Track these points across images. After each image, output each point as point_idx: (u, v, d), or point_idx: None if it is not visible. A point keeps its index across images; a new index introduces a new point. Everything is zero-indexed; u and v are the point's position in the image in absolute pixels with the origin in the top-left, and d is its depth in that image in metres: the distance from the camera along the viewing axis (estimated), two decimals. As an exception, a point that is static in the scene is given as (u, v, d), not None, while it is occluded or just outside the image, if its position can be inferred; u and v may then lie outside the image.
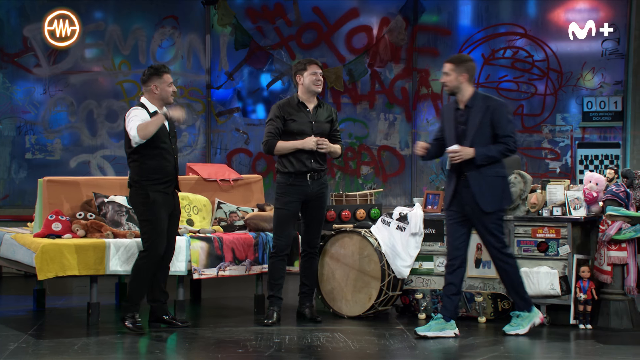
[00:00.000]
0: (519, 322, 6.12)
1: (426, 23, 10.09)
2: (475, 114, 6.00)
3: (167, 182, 6.24)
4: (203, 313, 7.20)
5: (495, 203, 5.99)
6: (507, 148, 5.98)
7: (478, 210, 5.98)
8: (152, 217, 6.16)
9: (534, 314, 6.14)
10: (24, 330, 6.27)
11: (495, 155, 5.96)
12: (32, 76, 9.64)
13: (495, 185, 5.99)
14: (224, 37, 9.94)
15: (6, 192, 9.58)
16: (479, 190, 5.96)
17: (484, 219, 5.99)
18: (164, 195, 6.20)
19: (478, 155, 5.93)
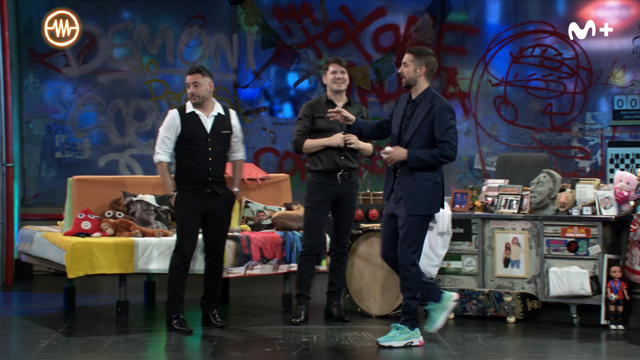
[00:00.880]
0: (395, 334, 5.78)
1: (453, 21, 10.04)
2: (419, 111, 5.77)
3: (198, 183, 6.23)
4: (231, 312, 7.22)
5: (423, 207, 5.73)
6: (441, 154, 5.66)
7: (404, 212, 5.74)
8: (178, 215, 6.24)
9: (415, 333, 5.79)
10: (54, 328, 6.33)
11: (428, 159, 5.66)
12: (62, 76, 9.72)
13: (425, 189, 5.72)
14: (251, 36, 9.96)
15: (37, 191, 9.67)
16: (408, 193, 5.72)
17: (406, 220, 5.72)
18: (194, 196, 6.21)
19: (410, 157, 5.69)
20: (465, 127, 9.97)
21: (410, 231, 5.72)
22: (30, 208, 9.50)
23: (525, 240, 6.67)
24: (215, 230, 6.32)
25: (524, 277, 6.64)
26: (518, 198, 6.78)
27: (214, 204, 6.28)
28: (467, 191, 7.02)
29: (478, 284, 6.80)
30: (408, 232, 5.73)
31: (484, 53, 9.94)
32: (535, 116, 9.92)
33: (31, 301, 7.88)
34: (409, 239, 5.73)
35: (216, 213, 6.29)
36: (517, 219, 6.71)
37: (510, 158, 8.11)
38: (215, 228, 6.32)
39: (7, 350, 5.86)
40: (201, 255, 6.51)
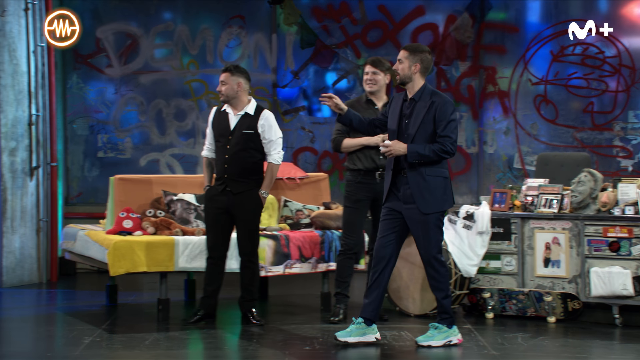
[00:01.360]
0: (434, 334, 5.73)
1: (493, 20, 9.96)
2: (420, 108, 5.70)
3: (218, 179, 6.38)
4: (270, 310, 7.24)
5: (436, 205, 5.65)
6: (442, 149, 5.59)
7: (416, 212, 5.66)
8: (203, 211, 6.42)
9: (453, 331, 5.74)
10: (97, 324, 6.40)
11: (428, 154, 5.59)
12: (104, 76, 9.83)
13: (435, 187, 5.66)
14: (290, 36, 9.98)
15: (80, 190, 9.80)
16: (418, 191, 5.64)
17: (422, 221, 5.66)
18: (217, 192, 6.36)
19: (410, 152, 5.61)
20: (504, 126, 9.88)
21: (430, 230, 5.67)
22: (73, 207, 9.62)
23: (565, 240, 6.59)
24: (238, 229, 6.40)
25: (565, 277, 6.57)
26: (558, 197, 6.70)
27: (233, 202, 6.32)
28: (507, 190, 6.96)
29: (518, 283, 6.74)
30: (427, 232, 5.67)
31: (523, 52, 9.84)
32: (576, 115, 9.80)
33: (75, 298, 7.98)
34: (430, 238, 5.68)
35: (236, 212, 6.34)
36: (557, 219, 6.63)
37: (550, 157, 8.02)
38: (238, 227, 6.39)
39: (52, 346, 5.95)
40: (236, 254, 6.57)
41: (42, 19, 8.77)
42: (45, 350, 5.81)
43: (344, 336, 5.75)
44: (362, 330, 5.77)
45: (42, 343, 6.09)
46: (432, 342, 5.70)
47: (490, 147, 9.90)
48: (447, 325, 5.74)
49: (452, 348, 5.70)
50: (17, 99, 8.48)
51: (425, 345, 5.70)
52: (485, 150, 9.91)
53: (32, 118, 8.63)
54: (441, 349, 5.67)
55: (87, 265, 8.16)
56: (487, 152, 9.91)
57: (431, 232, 5.68)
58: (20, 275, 8.48)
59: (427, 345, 5.70)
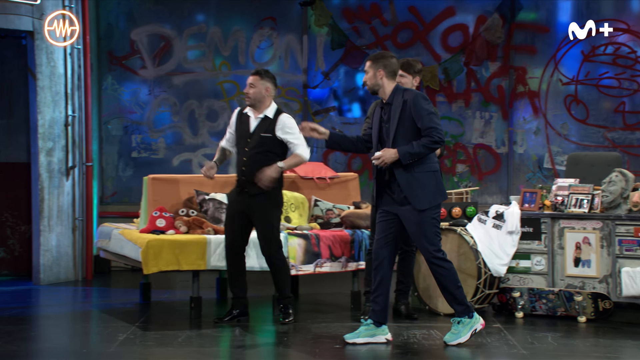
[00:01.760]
0: (459, 330, 5.68)
1: (524, 20, 9.88)
2: (395, 110, 5.67)
3: (236, 180, 6.43)
4: (300, 308, 7.25)
5: (429, 199, 5.61)
6: (431, 140, 5.56)
7: (411, 210, 5.62)
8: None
9: (475, 319, 5.70)
10: (131, 322, 6.46)
11: (420, 150, 5.57)
12: (138, 78, 9.91)
13: (426, 182, 5.63)
14: (320, 37, 9.98)
15: (114, 189, 9.89)
16: (410, 189, 5.61)
17: (417, 218, 5.61)
18: (233, 193, 6.44)
19: (401, 155, 5.58)
20: (534, 126, 9.80)
21: (425, 226, 5.63)
22: (108, 206, 9.71)
23: (596, 240, 6.52)
24: (256, 230, 6.40)
25: (595, 276, 6.50)
26: (589, 197, 6.64)
27: (250, 203, 6.32)
28: (537, 190, 6.91)
29: (547, 283, 6.68)
30: (424, 229, 5.63)
31: (554, 52, 9.76)
32: (607, 115, 9.69)
33: (109, 296, 8.05)
34: (426, 235, 5.64)
35: (253, 213, 6.33)
36: (588, 218, 6.57)
37: (581, 157, 7.94)
38: (256, 228, 6.39)
39: (88, 343, 6.02)
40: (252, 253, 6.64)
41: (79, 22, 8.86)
42: (81, 346, 5.88)
43: (352, 337, 5.74)
44: (372, 332, 5.75)
45: (77, 339, 6.16)
46: (461, 339, 5.68)
47: (520, 147, 9.83)
48: (468, 316, 5.70)
49: (481, 347, 5.66)
50: (54, 100, 8.58)
51: (455, 344, 5.67)
52: (515, 150, 9.84)
53: (68, 119, 8.72)
54: (471, 347, 5.64)
55: (121, 264, 8.23)
56: (517, 152, 9.84)
57: (428, 230, 5.64)
58: (57, 273, 8.58)
59: (456, 344, 5.67)
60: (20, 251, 8.93)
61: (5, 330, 6.12)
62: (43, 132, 8.46)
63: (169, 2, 9.86)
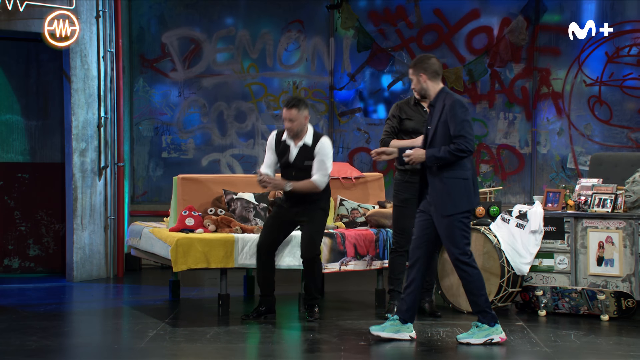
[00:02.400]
0: (475, 332, 5.64)
1: (548, 22, 9.81)
2: (435, 113, 5.69)
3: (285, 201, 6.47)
4: (326, 306, 7.26)
5: (455, 206, 5.58)
6: (457, 148, 5.53)
7: (438, 214, 5.64)
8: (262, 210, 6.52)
9: (496, 329, 5.62)
10: (161, 318, 6.50)
11: (445, 156, 5.57)
12: (169, 80, 9.98)
13: (455, 189, 5.59)
14: (347, 39, 9.99)
15: (145, 189, 9.96)
16: (436, 194, 5.62)
17: (443, 223, 5.61)
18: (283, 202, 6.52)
19: (427, 157, 5.61)
20: (558, 126, 9.73)
21: (453, 231, 5.61)
22: (138, 205, 9.79)
23: (619, 239, 6.46)
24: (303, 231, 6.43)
25: (618, 275, 6.44)
26: (612, 197, 6.58)
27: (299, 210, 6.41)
28: (560, 190, 6.86)
29: (570, 282, 6.64)
30: (450, 233, 5.62)
31: (578, 53, 9.68)
32: (631, 115, 9.59)
33: (140, 293, 8.10)
34: (452, 240, 5.63)
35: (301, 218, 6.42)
36: (611, 218, 6.51)
37: (604, 157, 7.87)
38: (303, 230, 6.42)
39: (119, 339, 6.07)
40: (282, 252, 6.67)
41: (112, 25, 8.95)
42: (112, 342, 5.93)
43: (377, 330, 5.77)
44: (396, 327, 5.75)
45: (109, 335, 6.22)
46: (472, 340, 5.64)
47: (543, 147, 9.76)
48: (489, 324, 5.66)
49: (504, 345, 5.63)
50: (87, 102, 8.67)
51: (465, 342, 5.64)
52: (539, 150, 9.77)
53: (101, 120, 8.81)
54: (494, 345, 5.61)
55: (152, 261, 8.29)
56: (540, 152, 9.78)
57: (454, 234, 5.62)
58: (89, 270, 8.66)
59: (466, 342, 5.64)
60: (55, 249, 9.04)
61: (40, 326, 6.20)
62: (77, 133, 8.55)
63: (199, 5, 9.92)
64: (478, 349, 5.55)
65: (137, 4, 9.82)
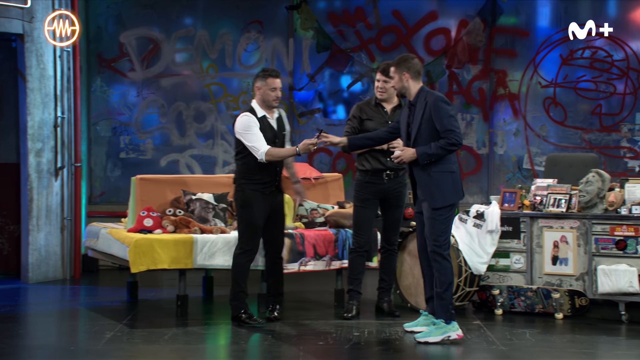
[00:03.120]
0: (432, 330, 5.73)
1: (504, 25, 9.92)
2: (418, 111, 5.78)
3: (266, 182, 6.25)
4: (285, 306, 7.23)
5: (443, 199, 5.71)
6: (448, 142, 5.66)
7: (428, 208, 5.76)
8: (245, 214, 6.21)
9: (452, 327, 5.72)
10: (118, 320, 6.43)
11: (437, 152, 5.67)
12: (127, 80, 9.88)
13: (442, 182, 5.73)
14: (306, 40, 9.99)
15: (102, 190, 9.85)
16: (426, 188, 5.74)
17: (431, 214, 5.74)
18: (261, 194, 6.23)
19: (419, 155, 5.70)
20: (514, 127, 9.84)
21: (435, 224, 5.72)
22: (96, 206, 9.68)
23: (573, 239, 6.56)
24: (277, 226, 6.36)
25: (572, 274, 6.54)
26: (567, 197, 6.67)
27: (277, 201, 6.33)
28: (516, 190, 6.93)
29: (526, 280, 6.71)
30: (433, 226, 5.73)
31: (533, 55, 9.80)
32: (585, 117, 9.74)
33: (97, 294, 8.02)
34: (435, 232, 5.73)
35: (278, 209, 6.35)
36: (565, 218, 6.60)
37: (559, 158, 7.98)
38: (277, 225, 6.35)
39: (75, 340, 5.99)
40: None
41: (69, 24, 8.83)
42: (69, 344, 5.86)
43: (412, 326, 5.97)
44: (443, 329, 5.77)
45: (65, 337, 6.13)
46: (429, 339, 5.69)
47: (500, 148, 9.87)
48: (446, 321, 5.72)
49: (461, 344, 5.68)
50: (43, 102, 8.54)
51: (422, 341, 5.69)
52: (496, 151, 9.87)
53: (57, 120, 8.69)
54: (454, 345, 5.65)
55: (109, 262, 8.20)
56: (497, 153, 9.88)
57: (437, 225, 5.72)
58: (45, 271, 8.54)
59: (424, 341, 5.68)
60: (9, 250, 8.89)
61: (-6, 328, 6.09)
62: (32, 133, 8.42)
63: (158, 5, 9.84)
64: (435, 349, 5.58)
65: (94, 4, 9.71)
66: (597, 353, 5.52)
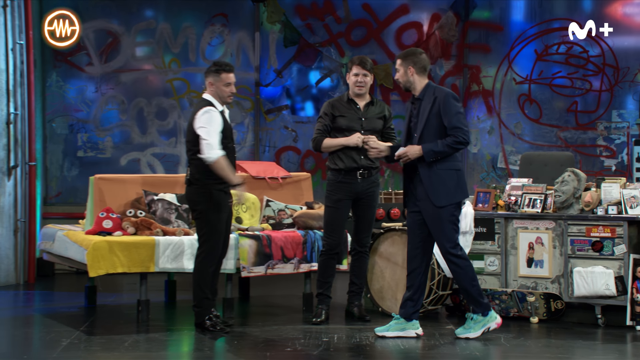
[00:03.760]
0: (471, 325, 5.92)
1: (478, 19, 9.99)
2: (424, 106, 5.87)
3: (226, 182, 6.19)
4: (251, 311, 7.22)
5: (448, 197, 5.82)
6: (455, 140, 5.77)
7: (430, 205, 5.83)
8: (213, 216, 6.09)
9: (490, 318, 5.90)
10: (76, 326, 6.37)
11: (444, 149, 5.78)
12: (85, 75, 9.79)
13: (447, 179, 5.83)
14: (273, 34, 9.97)
15: (59, 190, 9.75)
16: (430, 185, 5.83)
17: (436, 214, 5.82)
18: (225, 194, 6.18)
19: (425, 152, 5.80)
20: (488, 125, 9.91)
21: (444, 223, 5.82)
22: (52, 207, 9.59)
23: (549, 240, 6.62)
24: (229, 227, 6.30)
25: (548, 277, 6.59)
26: (542, 197, 6.73)
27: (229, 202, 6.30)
28: (490, 190, 6.98)
29: (501, 283, 6.76)
30: (442, 225, 5.83)
31: (508, 51, 9.88)
32: (560, 114, 9.84)
33: (53, 300, 7.94)
34: (443, 233, 5.83)
35: (231, 211, 6.32)
36: (540, 218, 6.66)
37: (534, 157, 8.05)
38: (229, 225, 6.29)
39: (29, 349, 5.91)
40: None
41: (21, 16, 8.72)
42: (22, 352, 5.77)
43: (382, 331, 6.00)
44: (402, 326, 5.97)
45: (18, 345, 6.05)
46: (470, 334, 5.90)
47: (474, 146, 9.94)
48: (482, 313, 5.89)
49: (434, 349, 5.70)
50: (-5, 97, 8.44)
51: (463, 337, 5.89)
52: (469, 149, 9.94)
53: (10, 117, 8.58)
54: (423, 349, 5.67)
55: (66, 266, 8.13)
56: (471, 151, 9.94)
57: (444, 227, 5.83)
58: (-2, 276, 8.44)
59: (464, 337, 5.89)
60: (-40, 254, 8.76)
61: (-57, 337, 6.00)
62: (-16, 130, 8.31)
63: (117, -4, 9.77)
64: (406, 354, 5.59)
65: (49, -6, 9.61)
66: (573, 358, 5.57)
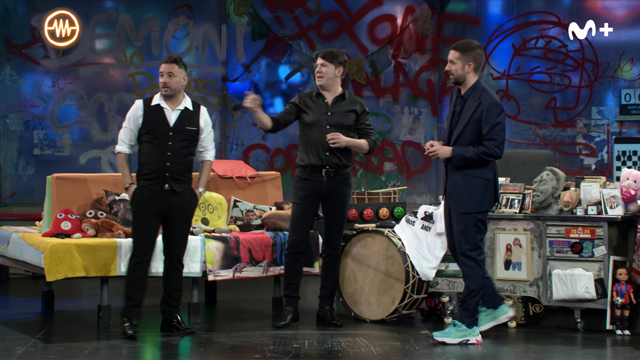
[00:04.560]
0: (451, 331, 6.00)
1: (453, 12, 10.06)
2: (468, 107, 5.93)
3: (155, 178, 6.18)
4: (218, 316, 7.22)
5: (472, 205, 5.91)
6: (486, 152, 5.85)
7: (454, 209, 5.98)
8: (133, 211, 6.26)
9: (472, 331, 5.99)
10: (31, 334, 6.33)
11: (472, 157, 5.86)
12: (41, 68, 9.72)
13: (474, 187, 5.91)
14: (240, 27, 9.97)
15: (14, 190, 9.68)
16: (456, 189, 5.93)
17: (459, 217, 5.94)
18: (149, 192, 6.18)
19: (455, 156, 5.90)
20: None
21: (467, 228, 5.93)
22: (6, 207, 9.52)
23: (527, 241, 6.68)
24: (173, 230, 6.27)
25: (526, 279, 6.66)
26: (520, 197, 6.79)
27: (172, 202, 6.21)
28: (467, 190, 7.03)
29: (478, 287, 6.81)
30: (465, 230, 5.94)
31: (484, 45, 9.96)
32: (539, 111, 9.95)
33: (7, 306, 7.87)
34: (466, 235, 5.95)
35: (174, 212, 6.23)
36: (518, 219, 6.72)
37: (512, 155, 8.10)
38: (174, 228, 6.26)
39: (-18, 357, 5.88)
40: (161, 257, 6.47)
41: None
42: (-24, 361, 5.74)
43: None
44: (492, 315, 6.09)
45: (-28, 354, 6.01)
46: (447, 339, 5.97)
47: (450, 144, 10.00)
48: (467, 325, 5.96)
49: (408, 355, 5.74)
50: (-55, 92, 8.35)
51: (440, 341, 5.97)
52: (445, 147, 9.99)
53: (-38, 112, 8.50)
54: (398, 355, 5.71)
55: (21, 270, 8.08)
56: (446, 149, 10.00)
57: (468, 230, 5.93)
58: (-51, 281, 8.35)
59: (441, 341, 5.96)
60: None
61: None
62: None
63: (75, -14, 9.72)
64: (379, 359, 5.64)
65: (3, -17, 9.54)
66: (552, 363, 5.65)
